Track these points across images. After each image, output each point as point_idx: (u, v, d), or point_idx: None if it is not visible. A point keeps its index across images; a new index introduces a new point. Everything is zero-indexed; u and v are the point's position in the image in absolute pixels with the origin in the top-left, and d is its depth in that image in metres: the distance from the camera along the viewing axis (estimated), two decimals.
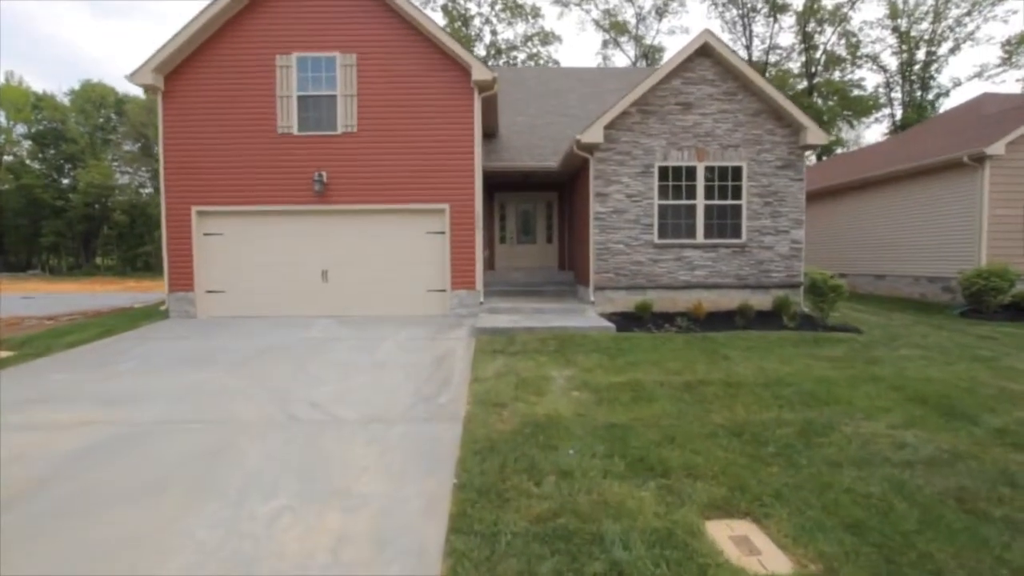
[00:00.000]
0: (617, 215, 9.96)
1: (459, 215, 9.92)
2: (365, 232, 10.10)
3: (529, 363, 6.53)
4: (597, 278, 9.98)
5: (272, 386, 5.79)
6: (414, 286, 10.11)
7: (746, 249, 10.08)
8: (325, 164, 9.91)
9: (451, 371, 6.31)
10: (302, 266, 10.14)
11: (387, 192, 9.93)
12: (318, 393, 5.53)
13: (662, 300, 9.94)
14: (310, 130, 9.95)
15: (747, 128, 10.01)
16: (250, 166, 9.95)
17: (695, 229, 10.02)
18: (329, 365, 6.65)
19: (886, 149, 17.48)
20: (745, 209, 10.04)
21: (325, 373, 6.29)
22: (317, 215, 10.07)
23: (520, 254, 14.45)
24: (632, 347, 7.24)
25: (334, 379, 6.04)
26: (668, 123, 9.95)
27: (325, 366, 6.61)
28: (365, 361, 6.84)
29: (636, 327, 8.60)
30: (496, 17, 43.53)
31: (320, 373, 6.30)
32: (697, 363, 6.48)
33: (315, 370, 6.43)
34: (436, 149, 9.91)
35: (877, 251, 14.90)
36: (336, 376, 6.15)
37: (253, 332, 8.69)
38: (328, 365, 6.65)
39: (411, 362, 6.74)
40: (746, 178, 10.02)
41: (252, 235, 10.13)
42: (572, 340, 7.58)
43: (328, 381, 5.97)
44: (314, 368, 6.52)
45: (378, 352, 7.29)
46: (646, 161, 9.94)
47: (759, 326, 8.76)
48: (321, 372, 6.34)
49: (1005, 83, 34.78)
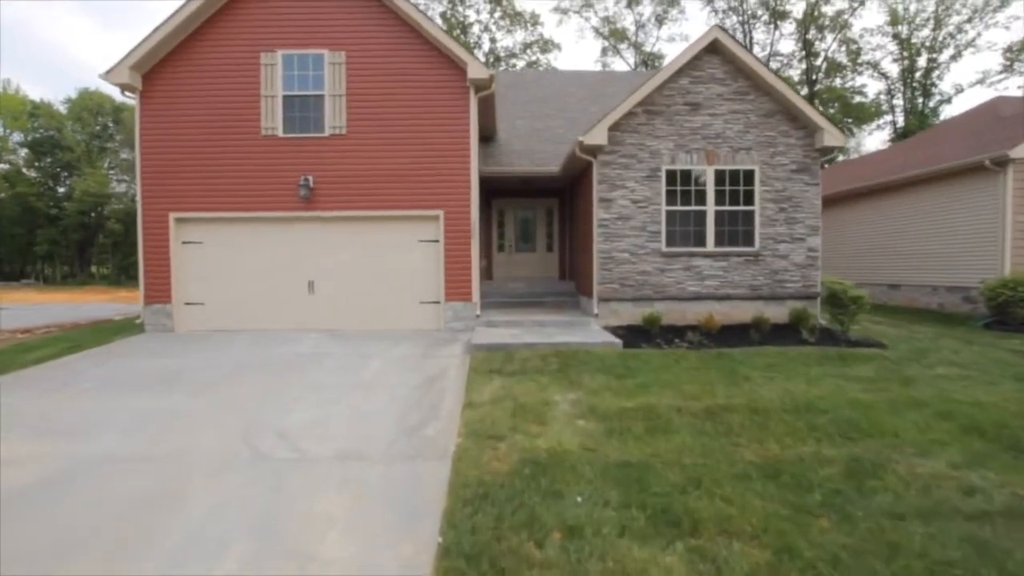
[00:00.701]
0: (622, 222, 9.37)
1: (454, 222, 9.32)
2: (354, 240, 9.49)
3: (529, 385, 5.89)
4: (601, 289, 9.36)
5: (241, 413, 5.15)
6: (406, 298, 9.49)
7: (759, 258, 9.48)
8: (312, 168, 9.33)
9: (442, 395, 5.67)
10: (287, 277, 9.52)
11: (377, 198, 9.34)
12: (291, 422, 4.89)
13: (670, 312, 9.32)
14: (296, 132, 9.38)
15: (760, 130, 9.45)
16: (232, 170, 9.37)
17: (705, 236, 9.42)
18: (308, 387, 6.01)
19: (898, 154, 16.95)
20: (758, 215, 9.46)
21: (302, 397, 5.65)
22: (303, 222, 9.48)
23: (519, 263, 13.85)
24: (642, 366, 6.61)
25: (311, 404, 5.40)
26: (676, 124, 9.39)
27: (303, 388, 5.97)
28: (348, 382, 6.20)
29: (644, 342, 7.96)
30: (495, 24, 43.29)
31: (297, 397, 5.66)
32: (715, 385, 5.84)
33: (292, 393, 5.79)
34: (429, 152, 9.34)
35: (891, 259, 14.31)
36: (314, 401, 5.51)
37: (231, 348, 8.05)
38: (307, 387, 6.01)
39: (399, 383, 6.10)
40: (759, 182, 9.44)
41: (234, 244, 9.52)
42: (576, 357, 6.95)
43: (304, 407, 5.33)
44: (291, 390, 5.89)
45: (364, 371, 6.65)
46: (653, 164, 9.36)
47: (776, 341, 8.13)
48: (298, 396, 5.70)
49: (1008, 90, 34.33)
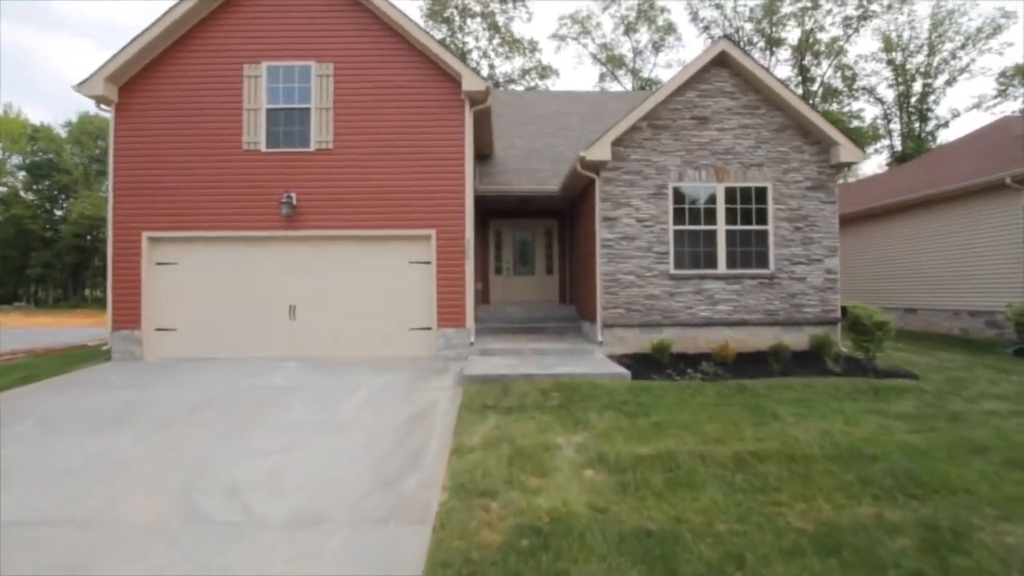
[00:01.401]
0: (627, 242, 8.75)
1: (447, 242, 8.70)
2: (339, 261, 8.85)
3: (527, 424, 5.15)
4: (605, 314, 8.69)
5: (191, 460, 4.40)
6: (395, 324, 8.80)
7: (775, 280, 8.84)
8: (296, 184, 8.75)
9: (427, 436, 4.93)
10: (267, 301, 8.84)
11: (365, 216, 8.74)
12: (247, 472, 4.15)
13: (680, 339, 8.62)
14: (280, 147, 8.83)
15: (771, 145, 8.93)
16: (210, 186, 8.78)
17: (716, 258, 8.79)
18: (275, 427, 5.26)
19: (906, 174, 16.51)
20: (772, 235, 8.85)
21: (267, 439, 4.91)
22: (285, 242, 8.85)
23: (517, 287, 13.20)
24: (655, 401, 5.88)
25: (275, 448, 4.66)
26: (683, 139, 8.87)
27: (269, 429, 5.22)
28: (321, 421, 5.46)
29: (654, 373, 7.24)
30: (494, 51, 43.75)
31: (261, 439, 4.91)
32: (741, 424, 5.11)
33: (255, 435, 5.05)
34: (422, 168, 8.78)
35: (907, 282, 13.68)
36: (279, 444, 4.77)
37: (200, 379, 7.31)
38: (274, 427, 5.27)
39: (379, 423, 5.36)
40: (772, 200, 8.87)
41: (210, 265, 8.87)
42: (580, 391, 6.22)
43: (267, 451, 4.59)
44: (255, 431, 5.14)
45: (342, 407, 5.91)
46: (659, 181, 8.80)
47: (798, 371, 7.42)
48: (262, 438, 4.96)
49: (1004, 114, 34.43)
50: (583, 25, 42.41)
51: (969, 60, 36.01)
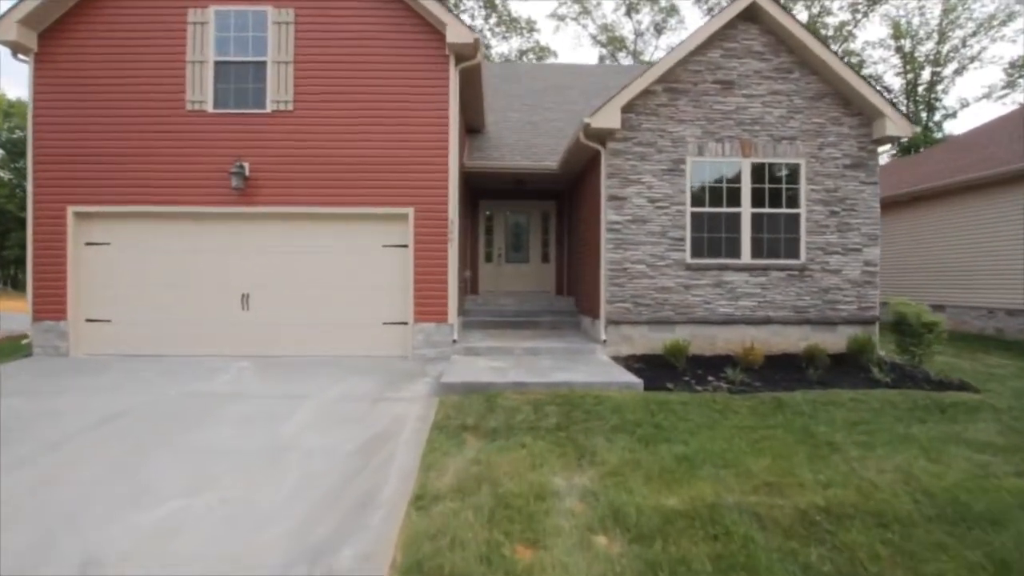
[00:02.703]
0: (637, 225, 7.53)
1: (427, 223, 7.44)
2: (300, 244, 7.57)
3: (516, 455, 3.96)
4: (610, 309, 7.49)
5: (56, 507, 3.18)
6: (365, 317, 7.55)
7: (806, 272, 7.66)
8: (249, 152, 7.44)
9: (384, 473, 3.73)
10: (216, 288, 7.57)
11: (330, 191, 7.45)
12: (124, 530, 2.93)
13: (696, 339, 7.46)
14: (231, 107, 7.50)
15: (806, 115, 7.69)
16: (148, 153, 7.45)
17: (739, 246, 7.60)
18: (191, 455, 4.05)
19: (932, 160, 15.35)
20: (804, 220, 7.66)
21: (173, 474, 3.69)
22: (237, 220, 7.55)
23: (509, 276, 11.96)
24: (677, 422, 4.70)
25: (177, 490, 3.44)
26: (704, 106, 7.61)
27: (183, 457, 4.01)
28: (254, 445, 4.24)
29: (670, 381, 6.07)
30: (491, 31, 42.03)
31: (165, 474, 3.70)
32: (794, 459, 3.95)
33: (162, 466, 3.83)
34: (398, 135, 7.48)
35: (933, 277, 12.58)
36: (185, 482, 3.56)
37: (124, 383, 6.06)
38: (189, 455, 4.05)
39: (327, 449, 4.15)
40: (805, 179, 7.66)
41: (149, 245, 7.57)
42: (582, 406, 5.04)
43: (165, 494, 3.38)
44: (163, 461, 3.92)
45: (285, 425, 4.69)
46: (675, 155, 7.56)
47: (839, 379, 6.28)
48: (168, 472, 3.74)
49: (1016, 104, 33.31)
50: (583, 4, 40.71)
51: (980, 48, 34.77)
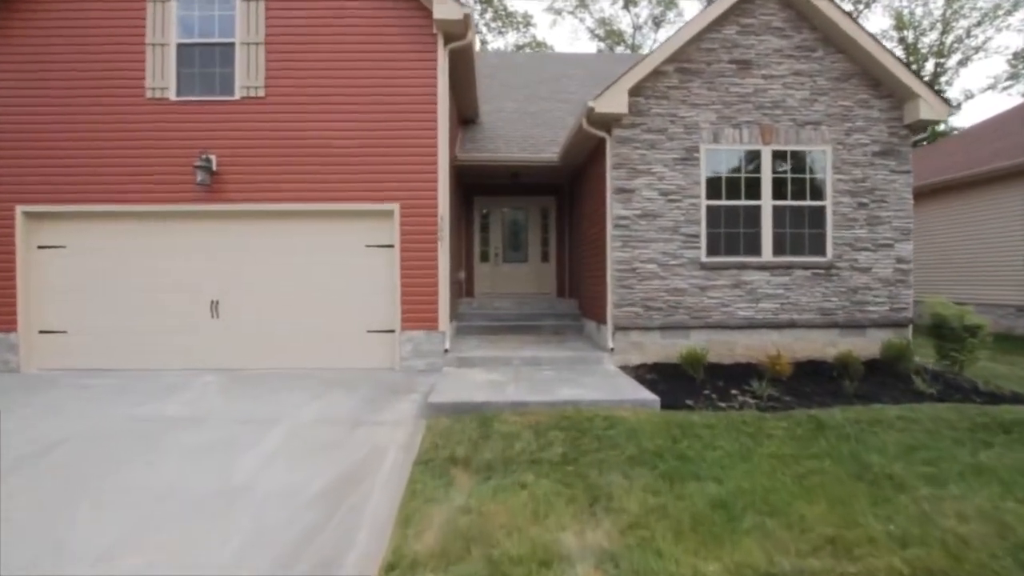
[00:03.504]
0: (647, 221, 6.83)
1: (414, 220, 6.73)
2: (275, 244, 6.86)
3: (515, 500, 3.26)
4: (618, 314, 6.79)
5: None
6: (347, 324, 6.85)
7: (832, 271, 6.97)
8: (216, 143, 6.72)
9: (352, 529, 3.02)
10: (183, 294, 6.85)
11: (307, 185, 6.74)
12: None
13: (713, 345, 6.76)
14: (196, 94, 6.77)
15: (831, 97, 6.99)
16: (106, 146, 6.73)
17: (760, 242, 6.90)
18: (125, 497, 3.34)
19: (945, 152, 14.65)
20: (830, 213, 6.96)
21: (96, 527, 2.99)
22: (204, 218, 6.83)
23: (507, 277, 11.24)
24: (703, 450, 4.00)
25: (97, 549, 2.75)
26: (719, 88, 6.91)
27: (116, 501, 3.30)
28: (201, 486, 3.54)
29: (689, 396, 5.37)
30: (487, 26, 41.27)
31: (87, 527, 3.00)
32: (853, 502, 3.25)
33: (86, 514, 3.14)
34: (382, 123, 6.77)
35: (953, 272, 11.89)
36: (109, 539, 2.86)
37: (68, 404, 5.35)
38: (124, 497, 3.35)
39: (289, 492, 3.45)
40: (831, 168, 6.96)
41: (108, 248, 6.85)
42: (592, 430, 4.34)
43: (81, 553, 2.69)
44: (90, 507, 3.22)
45: (244, 459, 3.99)
46: (688, 143, 6.86)
47: (878, 390, 5.59)
48: (92, 523, 3.04)
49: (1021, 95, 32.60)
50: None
51: (985, 38, 34.03)
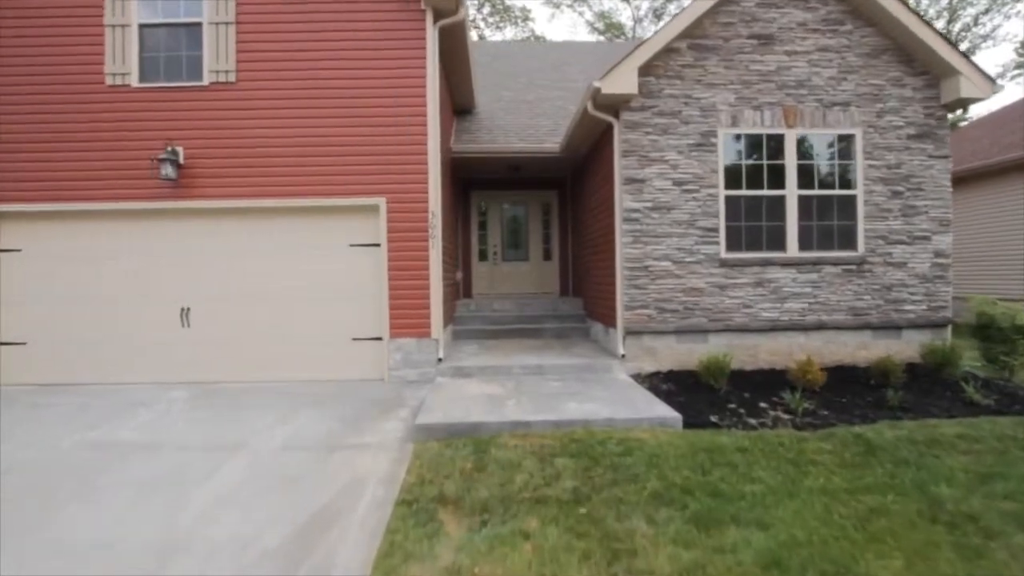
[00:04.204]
0: (660, 214, 6.20)
1: (403, 216, 6.10)
2: (249, 244, 6.24)
3: (516, 557, 2.63)
4: (630, 316, 6.16)
5: None
6: (331, 332, 6.23)
7: (865, 267, 6.33)
8: (184, 134, 6.10)
9: None
10: (149, 300, 6.24)
11: (284, 178, 6.12)
12: None
13: (735, 350, 6.13)
14: (161, 80, 6.16)
15: (861, 75, 6.34)
16: (62, 139, 6.12)
17: (785, 236, 6.26)
18: (48, 550, 2.73)
19: (969, 138, 13.95)
20: (861, 203, 6.32)
21: None
22: (171, 217, 6.22)
23: (507, 276, 10.61)
24: (740, 482, 3.37)
25: None
26: (738, 67, 6.26)
27: (37, 556, 2.69)
28: (143, 536, 2.92)
29: (713, 410, 4.75)
30: (484, 21, 40.62)
31: None
32: (935, 552, 2.62)
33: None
34: (366, 110, 6.14)
35: (985, 267, 11.22)
36: None
37: (14, 428, 4.74)
38: (46, 551, 2.73)
39: (241, 544, 2.83)
40: (861, 153, 6.32)
41: (68, 251, 6.24)
42: (606, 458, 3.71)
43: None
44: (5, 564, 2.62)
45: (197, 497, 3.37)
46: (704, 127, 6.22)
47: (924, 400, 4.95)
48: None
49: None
50: None
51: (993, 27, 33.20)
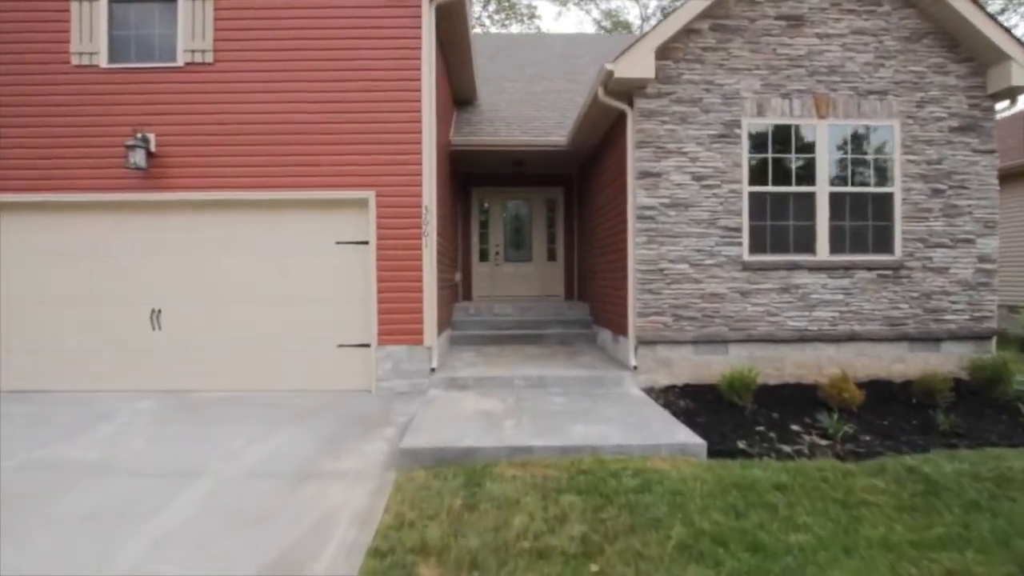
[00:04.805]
0: (677, 211, 5.63)
1: (393, 210, 5.56)
2: (226, 241, 5.72)
3: None
4: (643, 324, 5.59)
5: None
6: (315, 338, 5.69)
7: (902, 272, 5.75)
8: (156, 120, 5.58)
9: None
10: (118, 301, 5.73)
11: (265, 168, 5.59)
12: None
13: (758, 362, 5.56)
14: (131, 60, 5.64)
15: (900, 61, 5.76)
16: (23, 124, 5.62)
17: (814, 237, 5.68)
18: None
19: None
20: (899, 201, 5.74)
21: None
22: (143, 210, 5.71)
23: (508, 278, 10.06)
24: (782, 531, 2.80)
25: None
26: (765, 50, 5.69)
27: None
28: None
29: (739, 433, 4.18)
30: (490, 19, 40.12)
31: None
32: None
33: None
34: (355, 95, 5.61)
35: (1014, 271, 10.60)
36: None
37: None
38: None
39: None
40: (899, 147, 5.73)
41: (31, 246, 5.74)
42: (620, 495, 3.15)
43: None
44: None
45: (137, 538, 2.83)
46: (727, 116, 5.65)
47: (976, 424, 4.37)
48: None
49: None
50: None
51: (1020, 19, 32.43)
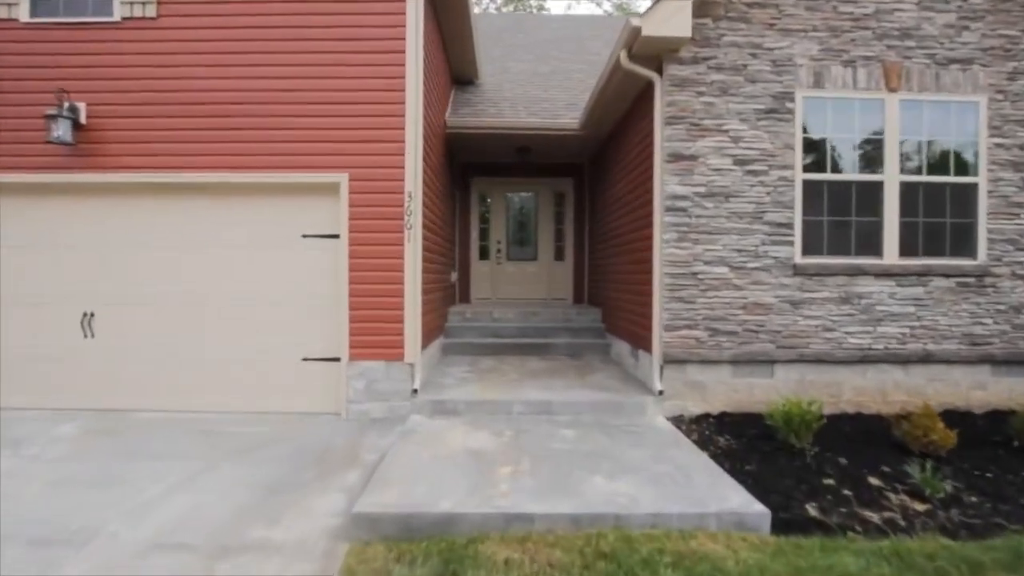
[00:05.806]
0: (714, 202, 4.64)
1: (370, 197, 4.61)
2: (172, 232, 4.79)
3: None
4: (670, 340, 4.62)
5: None
6: (275, 349, 4.76)
7: (986, 279, 4.73)
8: (87, 85, 4.66)
9: None
10: (44, 302, 4.82)
11: (217, 144, 4.65)
12: None
13: (811, 387, 4.57)
14: (59, 14, 4.72)
15: (988, 23, 4.74)
16: None
17: (881, 236, 4.68)
18: None
19: None
20: (984, 194, 4.73)
21: None
22: (69, 193, 4.79)
23: (511, 278, 9.09)
24: None
25: None
26: (824, 8, 4.69)
27: None
28: None
29: (804, 492, 3.20)
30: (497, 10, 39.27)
31: None
32: None
33: None
34: (325, 54, 4.66)
35: None
36: None
37: None
38: None
39: None
40: (986, 128, 4.72)
41: None
42: None
43: None
44: None
45: None
46: (777, 87, 4.65)
47: None
48: None
49: None
50: None
51: None
